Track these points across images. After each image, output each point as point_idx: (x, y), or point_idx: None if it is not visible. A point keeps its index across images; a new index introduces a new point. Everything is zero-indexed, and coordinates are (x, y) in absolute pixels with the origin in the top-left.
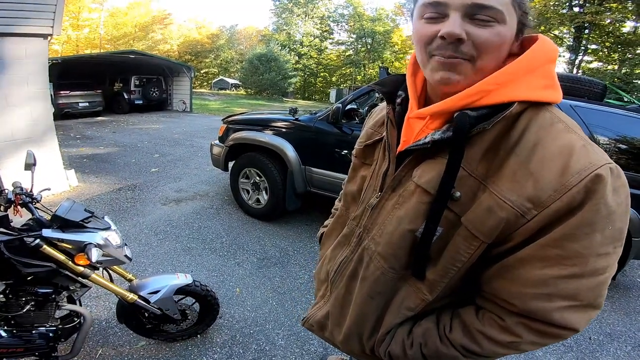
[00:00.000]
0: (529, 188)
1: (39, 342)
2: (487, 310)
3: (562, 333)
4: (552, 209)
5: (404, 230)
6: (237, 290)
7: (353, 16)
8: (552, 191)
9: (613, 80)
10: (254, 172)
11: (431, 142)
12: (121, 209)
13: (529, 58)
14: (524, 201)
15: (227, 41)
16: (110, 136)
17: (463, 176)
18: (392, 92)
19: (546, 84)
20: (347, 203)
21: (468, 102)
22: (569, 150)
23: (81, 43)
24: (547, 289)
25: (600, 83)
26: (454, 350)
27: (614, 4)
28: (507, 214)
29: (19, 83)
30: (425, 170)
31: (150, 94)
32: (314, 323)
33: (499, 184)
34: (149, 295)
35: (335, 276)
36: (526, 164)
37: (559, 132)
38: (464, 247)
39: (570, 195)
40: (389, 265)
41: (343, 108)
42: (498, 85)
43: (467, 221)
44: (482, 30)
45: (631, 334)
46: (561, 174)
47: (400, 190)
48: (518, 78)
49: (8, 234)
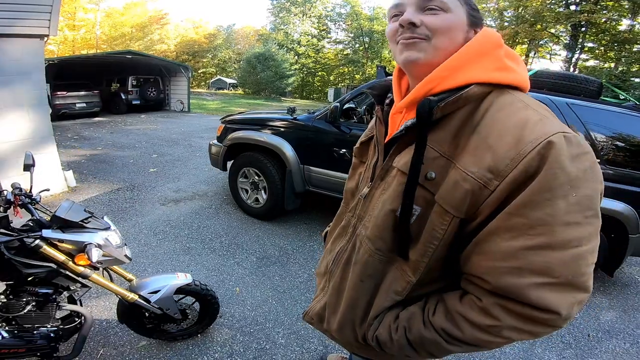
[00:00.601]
0: (487, 159)
1: (40, 342)
2: (469, 292)
3: (543, 317)
4: (510, 177)
5: (387, 211)
6: (236, 290)
7: (351, 15)
8: (508, 160)
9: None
10: (252, 171)
11: (405, 129)
12: (120, 210)
13: (474, 44)
14: (485, 172)
15: (225, 41)
16: (108, 137)
17: (435, 157)
18: (382, 95)
19: (498, 66)
20: (347, 200)
21: (428, 88)
22: (523, 123)
23: (77, 43)
24: (517, 262)
25: (596, 81)
26: (436, 335)
27: (610, 2)
28: (470, 186)
29: (15, 84)
30: (403, 155)
31: (147, 94)
32: (314, 315)
33: (463, 159)
34: (149, 295)
35: (333, 266)
36: (485, 139)
37: (517, 110)
38: (438, 223)
39: (526, 162)
40: (376, 247)
41: (341, 107)
42: (451, 71)
43: (439, 197)
44: (432, 17)
45: (630, 331)
46: (516, 144)
47: (387, 178)
48: (469, 63)
49: (8, 235)
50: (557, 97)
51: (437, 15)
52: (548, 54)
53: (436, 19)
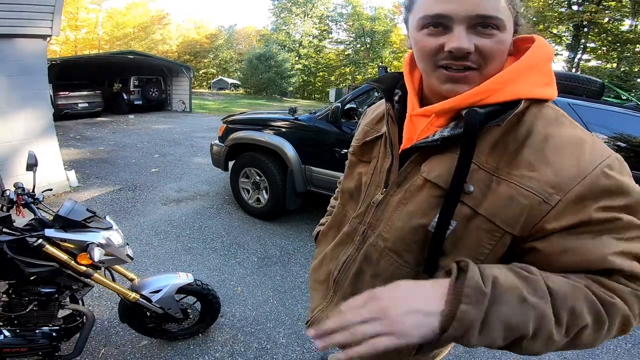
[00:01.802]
0: (548, 175)
1: (42, 341)
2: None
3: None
4: (574, 192)
5: (416, 225)
6: (237, 289)
7: (352, 15)
8: (571, 176)
9: (611, 78)
10: (254, 171)
11: (440, 139)
12: (122, 209)
13: (530, 57)
14: (546, 187)
15: (226, 41)
16: (110, 137)
17: (473, 170)
18: (390, 90)
19: (546, 82)
20: (344, 200)
21: (476, 100)
22: (580, 141)
23: (80, 44)
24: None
25: (598, 81)
26: (589, 293)
27: (613, 2)
28: (529, 201)
29: (18, 84)
30: (434, 166)
31: (149, 94)
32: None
33: (517, 174)
34: (150, 295)
35: (340, 275)
36: (541, 154)
37: (566, 126)
38: (486, 239)
39: (590, 179)
40: (403, 260)
41: (342, 107)
42: (503, 84)
43: (488, 213)
44: (487, 40)
45: (631, 332)
46: (577, 161)
47: (406, 186)
48: (521, 76)
49: (11, 234)
50: (559, 97)
51: (493, 38)
52: None
53: (492, 43)
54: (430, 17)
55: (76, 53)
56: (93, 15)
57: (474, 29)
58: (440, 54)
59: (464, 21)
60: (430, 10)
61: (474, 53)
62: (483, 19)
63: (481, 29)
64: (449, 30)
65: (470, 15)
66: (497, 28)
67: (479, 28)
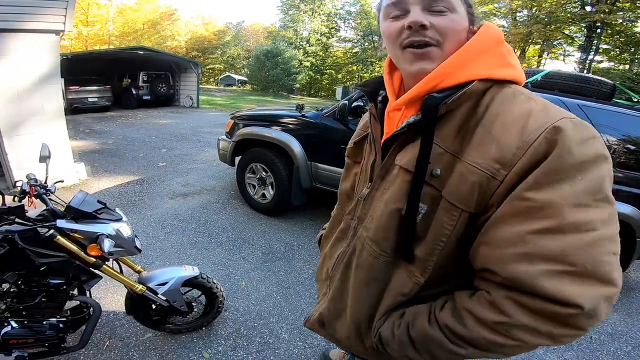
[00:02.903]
0: (493, 150)
1: (49, 333)
2: (480, 288)
3: (562, 311)
4: (518, 165)
5: (391, 210)
6: (242, 284)
7: (360, 14)
8: (515, 149)
9: (623, 80)
10: (260, 167)
11: (406, 126)
12: (129, 203)
13: (477, 41)
14: (492, 163)
15: (234, 38)
16: (119, 131)
17: (440, 153)
18: (374, 92)
19: (500, 63)
20: (342, 201)
21: (432, 85)
22: (527, 113)
23: (90, 39)
24: (526, 247)
25: (609, 83)
26: (439, 332)
27: (627, 4)
28: (477, 177)
29: (31, 78)
30: (406, 153)
31: (158, 89)
32: (314, 322)
33: (469, 153)
34: (157, 287)
35: (333, 270)
36: (490, 131)
37: (520, 102)
38: (446, 219)
39: (533, 149)
40: (381, 249)
41: (349, 105)
42: (455, 67)
43: (446, 193)
44: (440, 18)
45: (632, 334)
46: (521, 133)
47: (388, 177)
48: (473, 59)
49: (23, 224)
50: (569, 98)
51: (445, 16)
52: (561, 55)
53: (445, 20)
54: (392, 4)
55: (87, 48)
56: (104, 11)
57: (429, 10)
58: (403, 34)
59: (418, 3)
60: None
61: (430, 29)
62: (433, 1)
63: (434, 10)
64: (407, 14)
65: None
66: (448, 9)
67: (432, 10)
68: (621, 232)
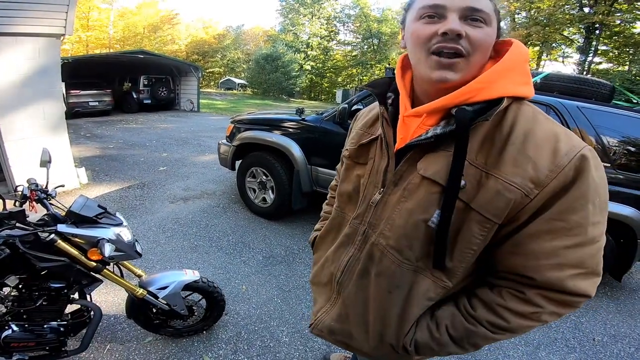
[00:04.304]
0: (529, 171)
1: (49, 336)
2: (504, 287)
3: (576, 300)
4: (550, 186)
5: (417, 221)
6: (242, 288)
7: (359, 17)
8: (547, 171)
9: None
10: (260, 171)
11: (434, 136)
12: (130, 207)
13: (510, 59)
14: (527, 182)
15: (234, 41)
16: (120, 135)
17: (465, 166)
18: (383, 94)
19: (524, 81)
20: (342, 203)
21: (464, 99)
22: (554, 136)
23: (91, 43)
24: (558, 259)
25: (608, 84)
26: (482, 328)
27: (624, 5)
28: (514, 195)
29: (32, 82)
30: (430, 163)
31: (158, 93)
32: (323, 328)
33: (503, 170)
34: (157, 291)
35: (343, 276)
36: (523, 151)
37: (542, 122)
38: (478, 230)
39: (564, 174)
40: (404, 257)
41: (349, 108)
42: (488, 83)
43: (479, 207)
44: (476, 30)
45: (635, 336)
46: (553, 156)
47: (403, 184)
48: (502, 76)
49: (24, 229)
50: (568, 100)
51: (481, 29)
52: (560, 57)
53: (480, 33)
54: (428, 6)
55: (87, 52)
56: (104, 15)
57: (465, 19)
58: (434, 39)
59: (457, 11)
60: (428, 1)
61: (464, 39)
62: (473, 12)
63: (471, 21)
64: (443, 19)
65: (462, 6)
66: (484, 22)
67: (469, 20)
68: (622, 234)
